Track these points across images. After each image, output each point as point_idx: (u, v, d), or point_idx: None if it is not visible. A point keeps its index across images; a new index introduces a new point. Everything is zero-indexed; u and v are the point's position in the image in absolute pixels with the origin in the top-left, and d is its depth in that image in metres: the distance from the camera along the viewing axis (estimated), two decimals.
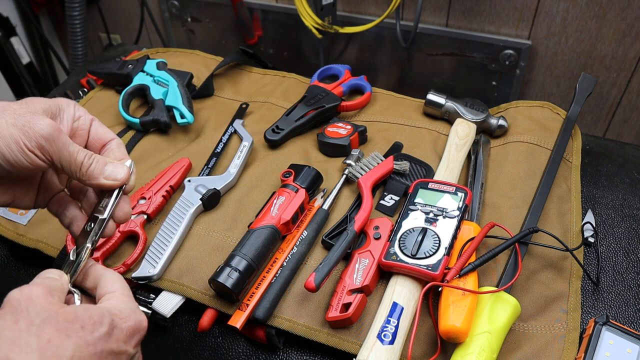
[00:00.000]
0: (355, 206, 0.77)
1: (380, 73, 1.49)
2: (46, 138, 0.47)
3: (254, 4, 1.48)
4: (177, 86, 0.93)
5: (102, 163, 0.52)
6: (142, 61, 0.99)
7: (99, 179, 0.51)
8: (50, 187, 0.56)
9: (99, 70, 1.02)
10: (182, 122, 0.90)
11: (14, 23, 1.64)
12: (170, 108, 0.92)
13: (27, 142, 0.47)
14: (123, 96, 0.94)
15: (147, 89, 0.95)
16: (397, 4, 1.23)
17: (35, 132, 0.47)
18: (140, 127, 0.91)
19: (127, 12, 1.76)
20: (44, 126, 0.48)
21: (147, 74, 0.97)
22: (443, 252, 0.65)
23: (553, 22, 1.22)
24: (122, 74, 0.98)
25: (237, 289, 0.65)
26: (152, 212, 0.76)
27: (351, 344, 0.63)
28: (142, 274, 0.69)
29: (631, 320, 0.67)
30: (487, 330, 0.59)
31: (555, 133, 0.85)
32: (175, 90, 0.93)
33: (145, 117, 0.91)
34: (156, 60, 0.99)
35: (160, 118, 0.90)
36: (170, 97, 0.92)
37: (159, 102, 0.92)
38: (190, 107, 0.91)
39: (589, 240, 0.74)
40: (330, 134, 0.86)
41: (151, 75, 0.97)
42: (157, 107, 0.92)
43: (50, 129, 0.48)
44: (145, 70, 0.98)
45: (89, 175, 0.51)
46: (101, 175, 0.52)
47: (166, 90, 0.94)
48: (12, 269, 0.78)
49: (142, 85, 0.95)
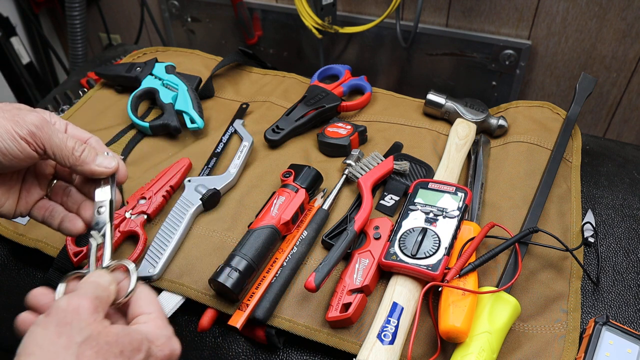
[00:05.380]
0: (355, 206, 0.77)
1: (380, 73, 1.49)
2: (37, 126, 0.49)
3: (254, 4, 1.48)
4: (186, 90, 0.92)
5: (94, 152, 0.53)
6: (151, 64, 0.98)
7: (91, 165, 0.52)
8: (31, 193, 0.57)
9: (107, 72, 1.01)
10: (193, 127, 0.89)
11: (14, 23, 1.64)
12: (180, 112, 0.90)
13: (19, 131, 0.49)
14: (132, 100, 0.93)
15: (156, 92, 0.94)
16: (397, 4, 1.23)
17: (25, 121, 0.49)
18: (150, 131, 0.90)
19: (127, 12, 1.76)
20: (34, 117, 0.50)
21: (156, 77, 0.96)
22: (443, 252, 0.65)
23: (553, 22, 1.22)
24: (130, 76, 0.97)
25: (237, 289, 0.65)
26: (152, 212, 0.76)
27: (351, 344, 0.63)
28: (142, 274, 0.69)
29: (631, 320, 0.67)
30: (487, 330, 0.59)
31: (555, 133, 0.85)
32: (185, 95, 0.91)
33: (155, 122, 0.90)
34: (165, 64, 0.98)
35: (171, 123, 0.89)
36: (180, 101, 0.91)
37: (169, 107, 0.91)
38: (201, 112, 0.90)
39: (589, 240, 0.74)
40: (330, 134, 0.86)
41: (160, 78, 0.96)
42: (167, 111, 0.91)
43: (40, 118, 0.50)
44: (154, 73, 0.97)
45: (82, 161, 0.52)
46: (93, 162, 0.53)
47: (175, 94, 0.93)
48: (12, 269, 0.78)
49: (151, 88, 0.94)
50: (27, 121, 0.49)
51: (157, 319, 0.48)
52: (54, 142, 0.50)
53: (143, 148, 0.89)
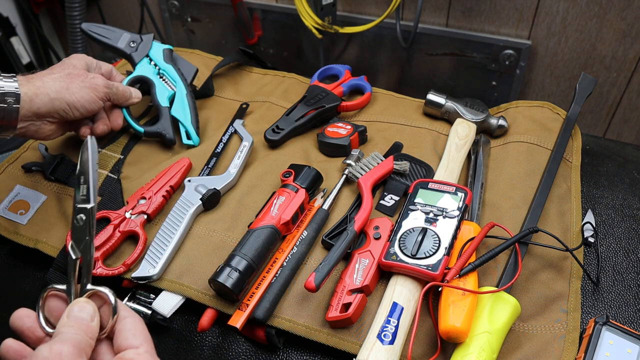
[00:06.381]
0: (355, 206, 0.77)
1: (380, 73, 1.49)
2: (107, 86, 0.79)
3: (254, 4, 1.48)
4: (185, 95, 0.89)
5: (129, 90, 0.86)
6: (148, 41, 0.91)
7: (132, 99, 0.86)
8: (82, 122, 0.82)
9: (98, 37, 0.91)
10: (188, 142, 0.88)
11: (14, 23, 1.64)
12: (176, 120, 0.89)
13: (97, 95, 0.77)
14: None
15: (152, 85, 0.90)
16: (397, 4, 1.23)
17: (100, 85, 0.78)
18: (143, 136, 0.89)
19: (127, 12, 1.76)
20: (102, 81, 0.79)
21: (152, 60, 0.91)
22: (443, 252, 0.65)
23: (553, 22, 1.22)
24: (124, 52, 0.91)
25: (237, 289, 0.65)
26: (152, 212, 0.76)
27: (351, 344, 0.63)
28: (142, 273, 0.69)
29: (631, 320, 0.67)
30: (487, 330, 0.59)
31: (555, 133, 0.85)
32: (182, 100, 0.89)
33: (150, 128, 0.88)
34: (163, 47, 0.92)
35: (166, 135, 0.87)
36: (177, 106, 0.89)
37: (165, 111, 0.88)
38: (197, 125, 0.89)
39: (589, 240, 0.74)
40: (330, 134, 0.86)
41: (156, 64, 0.91)
42: (164, 116, 0.88)
43: (105, 80, 0.80)
44: (151, 56, 0.91)
45: (130, 101, 0.86)
46: (131, 98, 0.86)
47: (172, 93, 0.90)
48: (12, 269, 0.78)
49: (146, 78, 0.90)
50: (101, 85, 0.78)
51: (145, 354, 0.46)
52: (116, 94, 0.82)
53: (143, 148, 0.89)
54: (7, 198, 0.81)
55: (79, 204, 0.52)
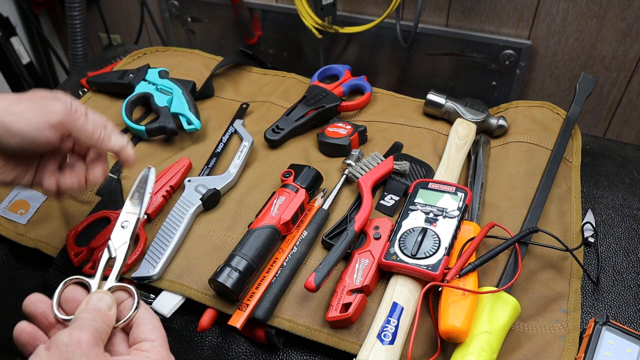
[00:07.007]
0: (355, 206, 0.77)
1: (380, 73, 1.49)
2: (65, 113, 0.56)
3: (254, 4, 1.48)
4: (182, 93, 0.91)
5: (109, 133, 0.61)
6: (144, 70, 0.97)
7: (109, 143, 0.61)
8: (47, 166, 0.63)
9: (99, 80, 0.99)
10: (190, 128, 0.88)
11: (14, 23, 1.64)
12: (176, 115, 0.90)
13: (50, 120, 0.55)
14: (126, 105, 0.92)
15: (150, 97, 0.93)
16: (397, 4, 1.23)
17: (54, 111, 0.56)
18: (146, 135, 0.89)
19: (127, 12, 1.76)
20: (60, 106, 0.56)
21: (150, 82, 0.95)
22: (443, 252, 0.65)
23: (553, 22, 1.22)
24: (123, 83, 0.96)
25: (237, 289, 0.65)
26: (152, 212, 0.76)
27: (351, 344, 0.63)
28: (142, 273, 0.69)
29: (631, 320, 0.67)
30: (487, 330, 0.59)
31: (555, 133, 0.85)
32: (180, 97, 0.91)
33: (151, 125, 0.89)
34: (158, 69, 0.96)
35: (167, 125, 0.88)
36: (175, 104, 0.90)
37: (164, 110, 0.90)
38: (197, 113, 0.89)
39: (589, 240, 0.74)
40: (330, 134, 0.86)
41: (154, 83, 0.95)
42: (163, 114, 0.89)
43: (66, 106, 0.57)
44: (147, 79, 0.96)
45: (102, 141, 0.60)
46: (109, 141, 0.61)
47: (170, 97, 0.92)
48: (12, 269, 0.78)
49: (146, 93, 0.93)
50: (56, 111, 0.56)
51: (160, 347, 0.47)
52: (77, 127, 0.58)
53: (143, 148, 0.89)
54: (7, 198, 0.81)
55: (129, 212, 0.60)
